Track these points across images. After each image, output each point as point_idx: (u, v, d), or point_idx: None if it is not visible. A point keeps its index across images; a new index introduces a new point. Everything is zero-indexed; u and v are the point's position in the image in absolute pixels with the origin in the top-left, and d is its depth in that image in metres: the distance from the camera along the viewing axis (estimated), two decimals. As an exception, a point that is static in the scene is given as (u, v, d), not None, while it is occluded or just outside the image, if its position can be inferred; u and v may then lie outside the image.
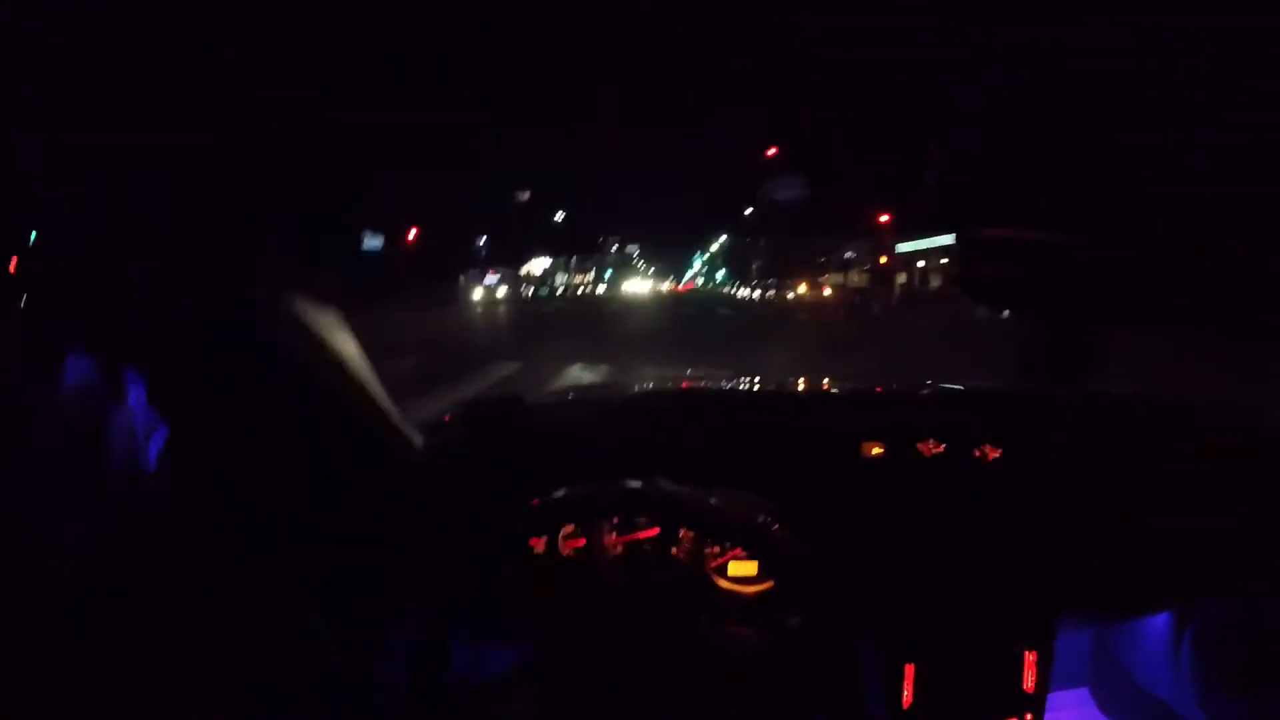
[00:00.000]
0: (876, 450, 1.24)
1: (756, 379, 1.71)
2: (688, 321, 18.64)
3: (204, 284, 0.92)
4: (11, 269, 0.92)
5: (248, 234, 0.96)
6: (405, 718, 0.99)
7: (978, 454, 1.25)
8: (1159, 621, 1.38)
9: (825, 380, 1.63)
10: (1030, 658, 1.12)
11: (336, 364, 1.02)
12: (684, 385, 1.72)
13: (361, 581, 1.01)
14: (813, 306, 29.31)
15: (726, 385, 1.62)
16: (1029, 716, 1.12)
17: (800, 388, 1.63)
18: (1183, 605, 1.31)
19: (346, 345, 1.05)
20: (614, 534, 1.10)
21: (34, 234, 0.87)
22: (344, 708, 1.00)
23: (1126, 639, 1.50)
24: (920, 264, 27.92)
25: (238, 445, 0.99)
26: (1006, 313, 1.20)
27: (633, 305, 29.52)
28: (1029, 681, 1.12)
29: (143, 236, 0.87)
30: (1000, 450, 1.24)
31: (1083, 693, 1.64)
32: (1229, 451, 1.27)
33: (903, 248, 28.30)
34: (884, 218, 21.28)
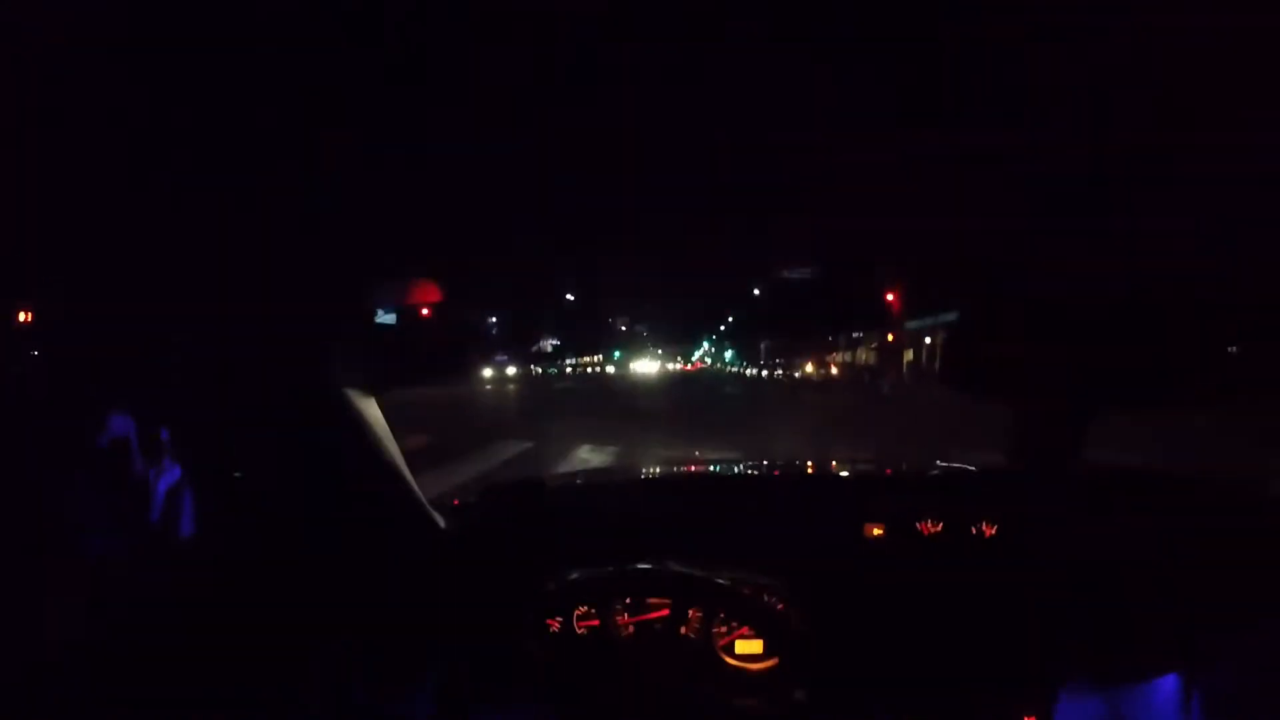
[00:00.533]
0: (877, 531, 1.28)
1: (763, 461, 1.73)
2: (695, 402, 18.68)
3: (269, 387, 0.96)
4: (21, 319, 0.99)
5: (317, 351, 1.00)
6: None
7: (974, 531, 1.28)
8: (1166, 685, 1.37)
9: (828, 462, 1.66)
10: None
11: (372, 445, 1.05)
12: (690, 468, 1.74)
13: (389, 641, 1.04)
14: (820, 385, 29.45)
15: (733, 468, 1.63)
16: None
17: (804, 469, 1.65)
18: (1186, 671, 1.30)
19: (381, 427, 1.09)
20: (626, 614, 1.13)
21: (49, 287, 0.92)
22: None
23: (1135, 704, 1.45)
24: (928, 340, 27.87)
25: (272, 516, 1.02)
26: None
27: (640, 385, 29.75)
28: None
29: (184, 307, 0.91)
30: (997, 527, 1.28)
31: None
32: (1229, 519, 1.30)
33: (911, 325, 28.33)
34: (891, 297, 21.28)
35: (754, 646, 1.12)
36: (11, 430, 0.91)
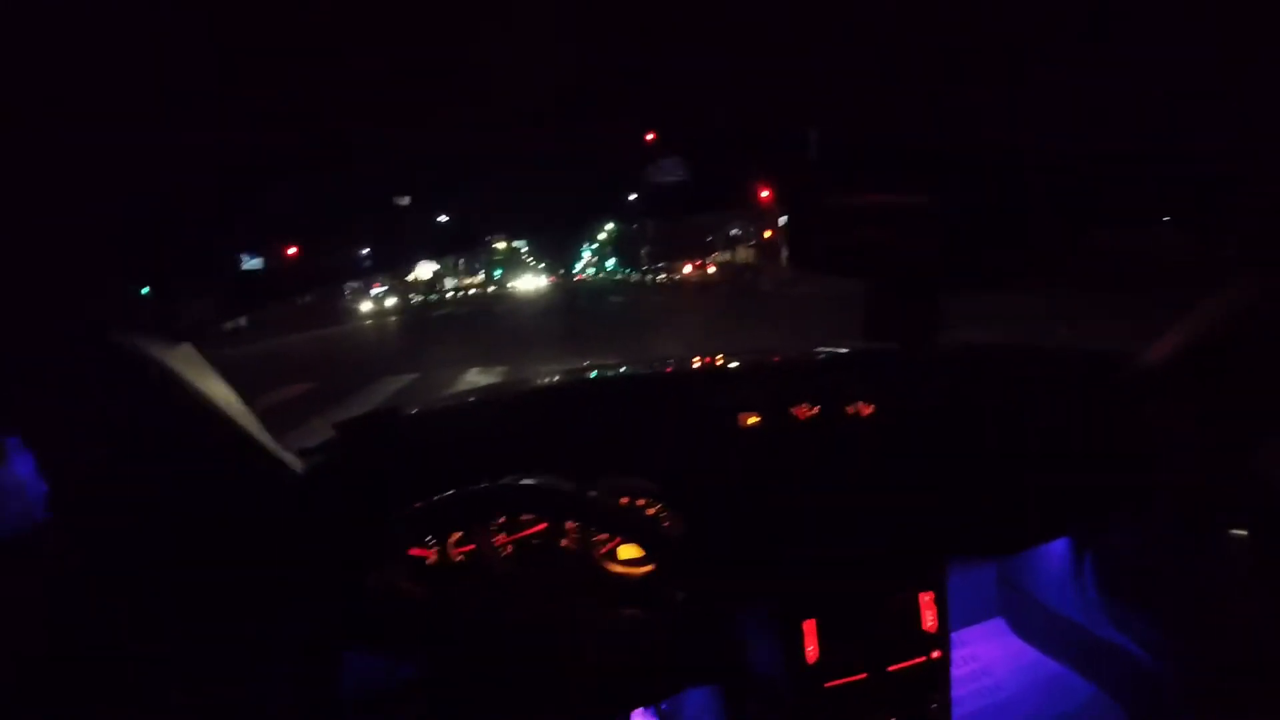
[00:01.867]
0: (753, 420, 1.27)
1: (642, 363, 1.73)
2: (579, 313, 18.62)
3: (60, 334, 0.89)
4: None
5: (81, 280, 0.92)
6: None
7: (851, 411, 1.29)
8: (1058, 549, 1.45)
9: (702, 357, 1.67)
10: (926, 599, 1.16)
11: (192, 403, 0.99)
12: (567, 377, 1.75)
13: (248, 602, 0.99)
14: (700, 284, 29.65)
15: (609, 373, 1.64)
16: (935, 654, 1.16)
17: (679, 367, 1.66)
18: (1073, 535, 1.38)
19: (206, 380, 1.02)
20: (502, 534, 1.10)
21: None
22: None
23: (1030, 570, 1.57)
24: None
25: (112, 494, 0.97)
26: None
27: (524, 302, 29.45)
28: (929, 621, 1.16)
29: None
30: (873, 406, 1.28)
31: (998, 623, 1.72)
32: (1095, 388, 1.34)
33: (785, 220, 29.64)
34: (765, 193, 22.91)
35: (636, 550, 1.11)
36: None
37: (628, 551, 1.11)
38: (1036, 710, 1.53)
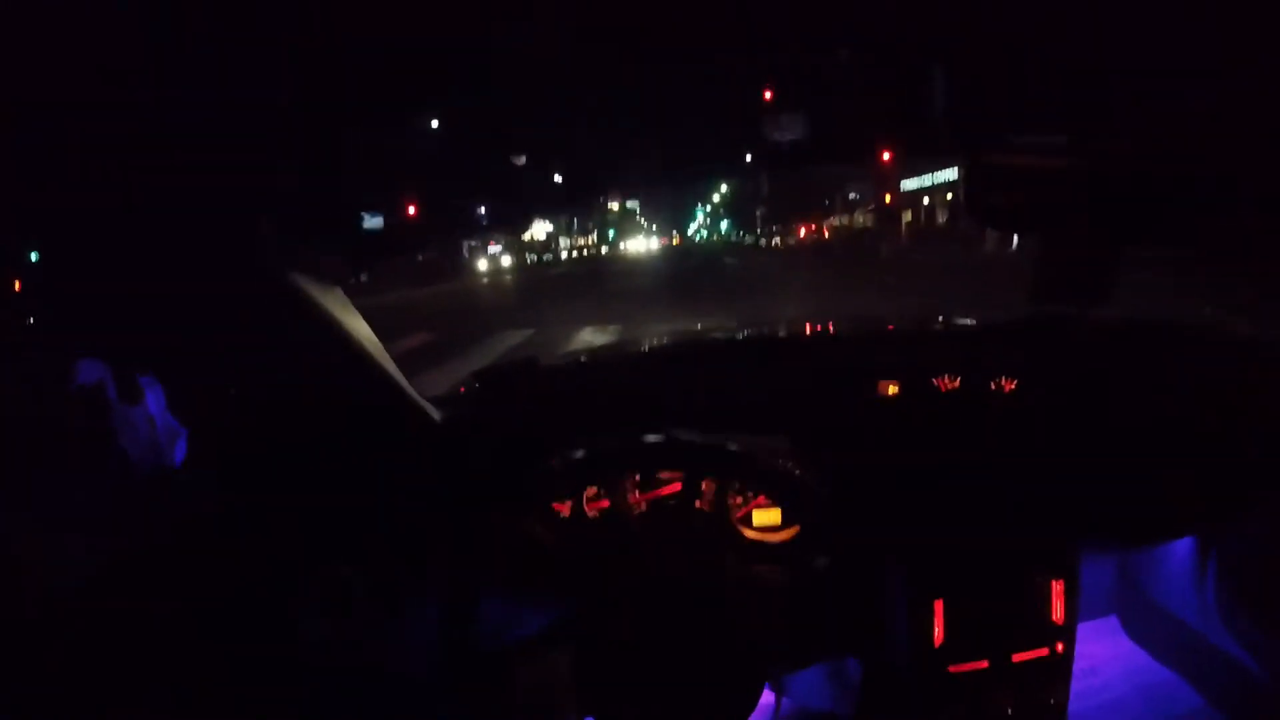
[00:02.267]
0: (893, 389, 1.24)
1: (767, 326, 1.70)
2: (694, 274, 18.31)
3: (205, 277, 0.93)
4: (16, 288, 0.95)
5: (243, 225, 0.97)
6: (439, 677, 1.02)
7: (993, 386, 1.25)
8: (1182, 548, 1.39)
9: (837, 322, 1.62)
10: (1057, 587, 1.12)
11: (346, 342, 1.02)
12: (695, 337, 1.70)
13: (389, 546, 1.04)
14: (816, 249, 28.86)
15: (737, 334, 1.62)
16: (1060, 646, 1.12)
17: (811, 330, 1.62)
18: (1204, 531, 1.32)
19: (355, 322, 1.05)
20: (637, 492, 1.12)
21: (34, 254, 0.89)
22: (378, 666, 1.03)
23: (1151, 567, 1.51)
24: (925, 201, 27.66)
25: (258, 432, 1.01)
26: (1015, 242, 1.37)
27: (637, 263, 29.59)
28: (1058, 611, 1.12)
29: (140, 238, 0.90)
30: (1016, 381, 1.24)
31: (1111, 621, 1.66)
32: (1245, 374, 1.27)
33: (907, 184, 27.97)
34: (886, 155, 20.49)
35: (772, 516, 1.11)
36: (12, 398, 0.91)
37: (763, 517, 1.12)
38: (1141, 716, 1.48)
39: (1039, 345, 1.28)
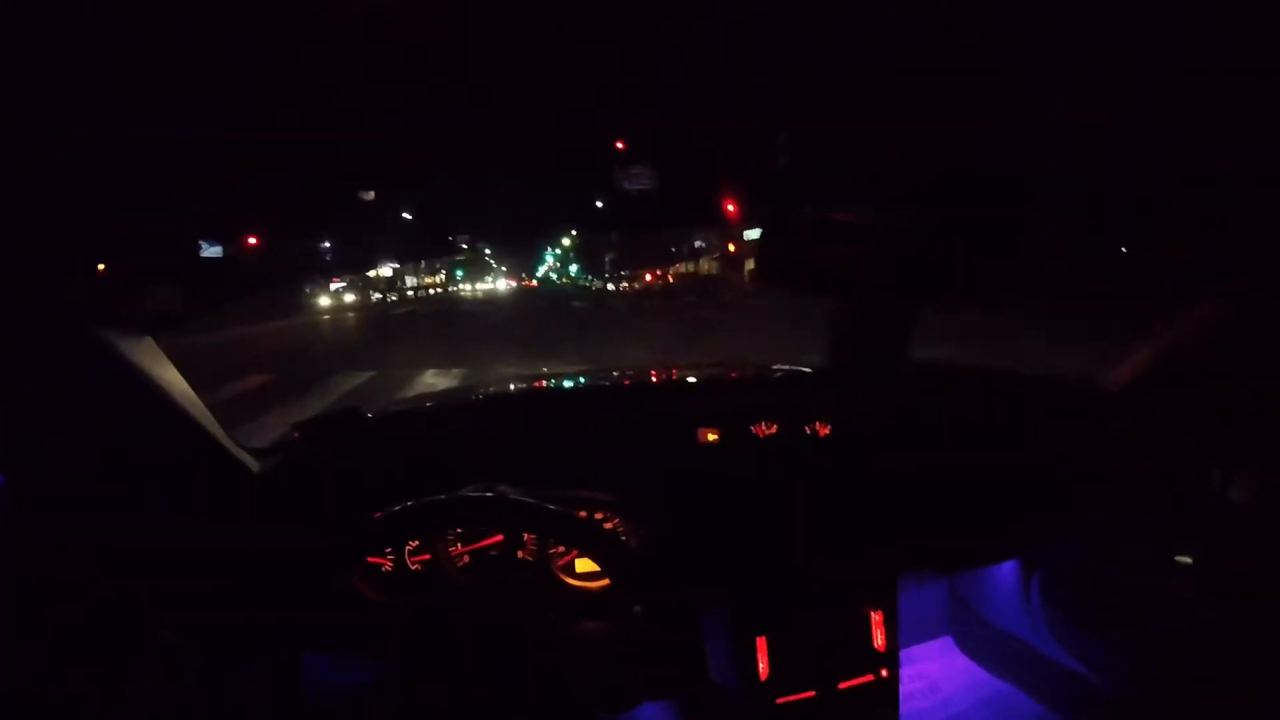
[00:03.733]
0: (713, 436, 1.27)
1: (602, 372, 1.73)
2: (540, 316, 18.32)
3: (4, 322, 0.87)
4: None
5: (46, 274, 0.89)
6: None
7: (809, 430, 1.29)
8: (1007, 570, 1.46)
9: (662, 369, 1.65)
10: (877, 616, 1.15)
11: (153, 394, 0.97)
12: (527, 384, 1.70)
13: (208, 602, 0.98)
14: (661, 293, 30.14)
15: (567, 382, 1.63)
16: (884, 672, 1.15)
17: (640, 378, 1.64)
18: (1025, 554, 1.39)
19: (165, 373, 1.00)
20: (459, 544, 1.11)
21: None
22: None
23: (978, 588, 1.58)
24: None
25: (72, 484, 0.95)
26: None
27: (486, 303, 29.35)
28: (879, 639, 1.15)
29: None
30: (830, 426, 1.29)
31: (946, 641, 1.72)
32: (1054, 410, 1.35)
33: (750, 234, 28.17)
34: (731, 207, 23.63)
35: (593, 565, 1.12)
36: None
37: (585, 564, 1.12)
38: None
39: (850, 390, 1.33)
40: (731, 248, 29.83)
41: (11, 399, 0.89)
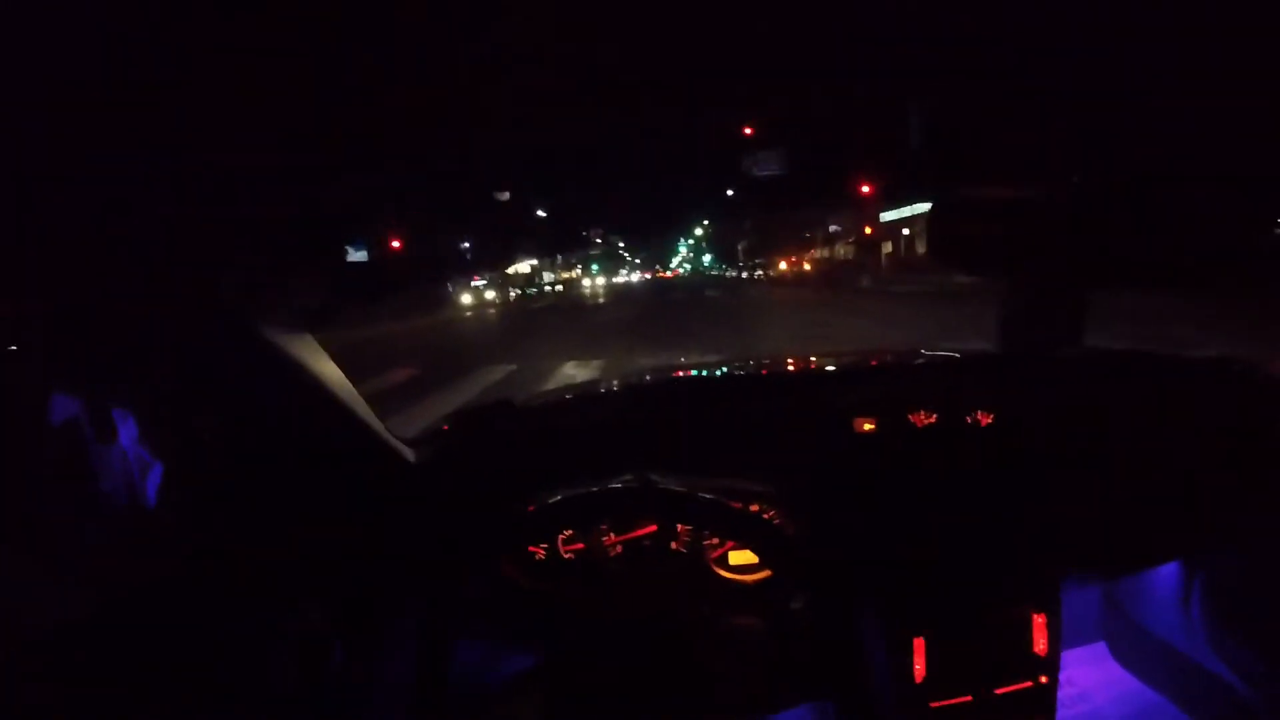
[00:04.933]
0: (869, 426, 1.22)
1: (749, 362, 1.67)
2: (676, 307, 18.34)
3: (178, 317, 0.91)
4: None
5: (217, 257, 0.93)
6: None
7: (970, 420, 1.23)
8: (1167, 573, 1.36)
9: (815, 357, 1.61)
10: (1039, 620, 1.08)
11: (313, 388, 1.00)
12: (674, 374, 1.67)
13: (363, 587, 1.01)
14: (797, 282, 29.15)
15: (715, 372, 1.61)
16: (1043, 679, 1.08)
17: (789, 367, 1.59)
18: (1187, 558, 1.29)
19: (324, 366, 1.04)
20: (612, 534, 1.10)
21: None
22: (348, 710, 0.99)
23: (1136, 593, 1.47)
24: (905, 232, 27.69)
25: (231, 472, 0.99)
26: (977, 276, 1.16)
27: (621, 296, 29.53)
28: (1040, 644, 1.08)
29: (112, 267, 0.86)
30: (992, 415, 1.23)
31: (1099, 648, 1.62)
32: (1225, 403, 1.26)
33: (887, 216, 27.99)
34: (866, 188, 20.46)
35: (748, 556, 1.08)
36: None
37: (739, 557, 1.10)
38: None
39: (1014, 378, 1.28)
40: (868, 230, 28.84)
41: (176, 390, 0.94)
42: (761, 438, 1.19)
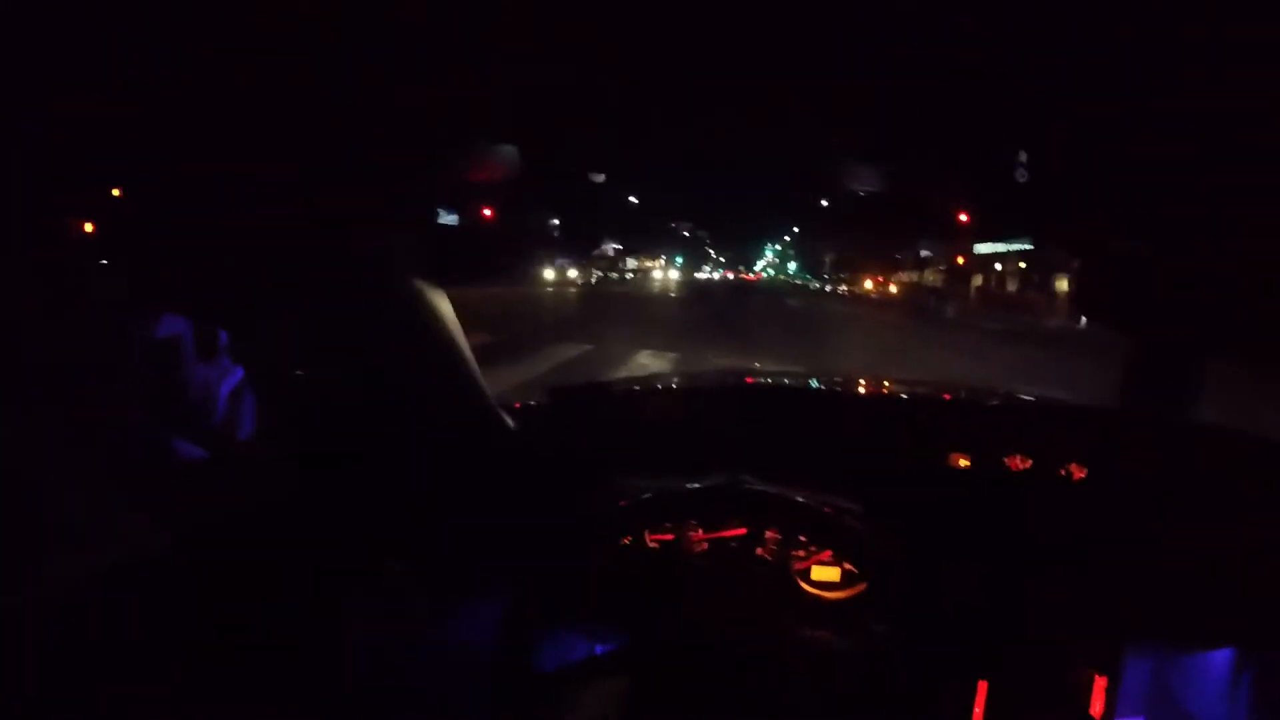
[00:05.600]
0: (964, 462, 1.22)
1: (832, 377, 1.67)
2: (754, 311, 18.34)
3: (306, 251, 0.92)
4: (89, 230, 0.93)
5: (344, 211, 0.94)
6: (487, 693, 0.97)
7: (1063, 473, 1.22)
8: (1220, 659, 1.34)
9: (910, 384, 1.58)
10: (1100, 682, 1.09)
11: (443, 344, 1.02)
12: (765, 380, 1.67)
13: (452, 552, 1.03)
14: (880, 303, 28.98)
15: (801, 383, 1.60)
16: None
17: (883, 390, 1.56)
18: (1243, 647, 1.27)
19: (452, 323, 1.05)
20: (700, 530, 1.11)
21: (116, 194, 0.88)
22: (424, 677, 1.02)
23: (1186, 674, 1.45)
24: (998, 266, 27.25)
25: (331, 415, 0.99)
26: (1084, 320, 1.19)
27: (702, 293, 29.51)
28: (1097, 706, 1.09)
29: (239, 200, 0.87)
30: (1086, 471, 1.21)
31: None
32: None
33: (981, 249, 27.61)
34: (964, 217, 20.49)
35: (831, 574, 1.09)
36: (74, 334, 0.87)
37: (822, 573, 1.10)
38: None
39: (1117, 436, 1.26)
40: (960, 260, 28.41)
41: (305, 322, 0.95)
42: (850, 456, 1.20)
